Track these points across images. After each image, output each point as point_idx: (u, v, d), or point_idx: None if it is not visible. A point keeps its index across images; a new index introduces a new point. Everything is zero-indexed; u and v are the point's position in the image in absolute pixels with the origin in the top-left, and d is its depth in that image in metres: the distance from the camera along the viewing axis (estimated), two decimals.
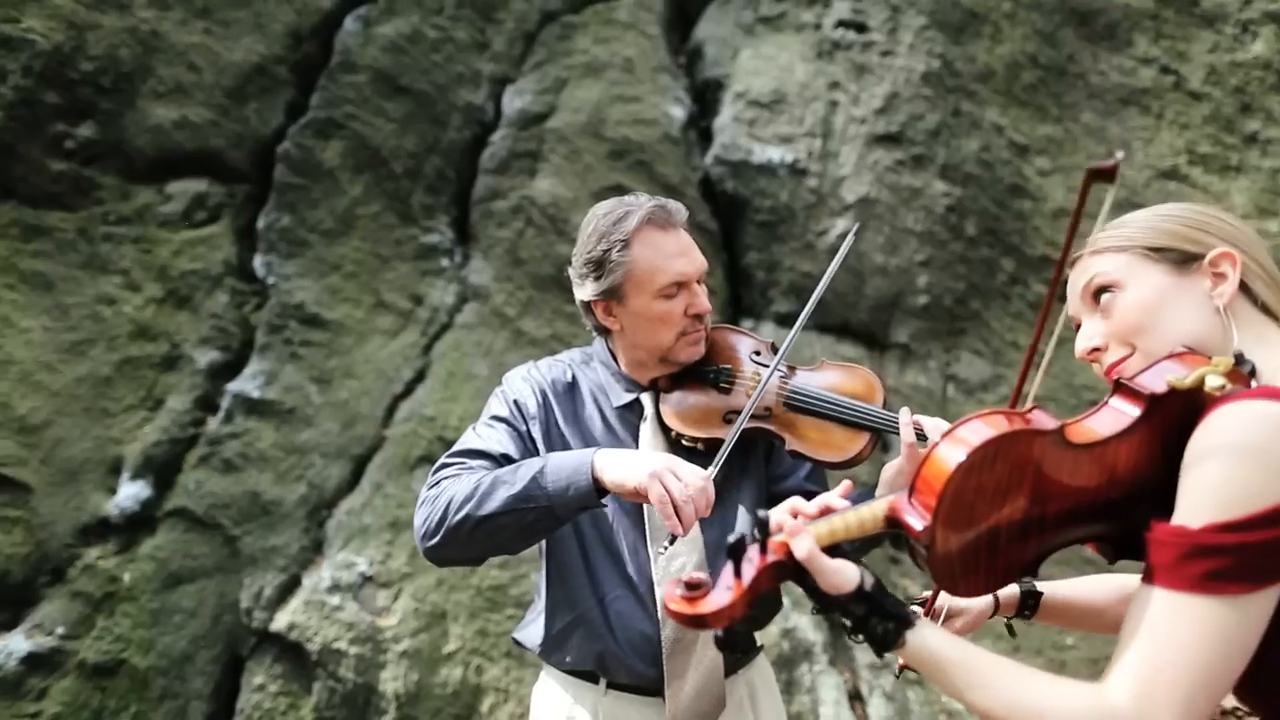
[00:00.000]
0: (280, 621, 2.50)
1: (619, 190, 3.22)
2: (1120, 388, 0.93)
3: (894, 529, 0.96)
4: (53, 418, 2.63)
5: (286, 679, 2.47)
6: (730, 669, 1.50)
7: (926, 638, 0.90)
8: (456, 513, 1.35)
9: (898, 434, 1.35)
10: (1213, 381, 0.86)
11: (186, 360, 2.81)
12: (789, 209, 3.45)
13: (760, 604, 0.96)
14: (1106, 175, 1.00)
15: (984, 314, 3.52)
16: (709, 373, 1.53)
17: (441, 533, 1.36)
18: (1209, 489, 0.79)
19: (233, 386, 2.79)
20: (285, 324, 2.91)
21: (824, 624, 2.89)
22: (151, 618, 2.46)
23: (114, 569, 2.50)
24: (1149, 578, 0.82)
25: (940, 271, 3.48)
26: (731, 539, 0.89)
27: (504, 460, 1.45)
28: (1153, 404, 0.88)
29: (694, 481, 1.24)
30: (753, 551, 0.92)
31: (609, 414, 1.53)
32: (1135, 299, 0.97)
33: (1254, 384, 0.90)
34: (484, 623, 2.62)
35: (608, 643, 1.44)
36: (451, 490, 1.37)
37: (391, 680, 2.50)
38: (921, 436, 1.31)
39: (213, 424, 2.74)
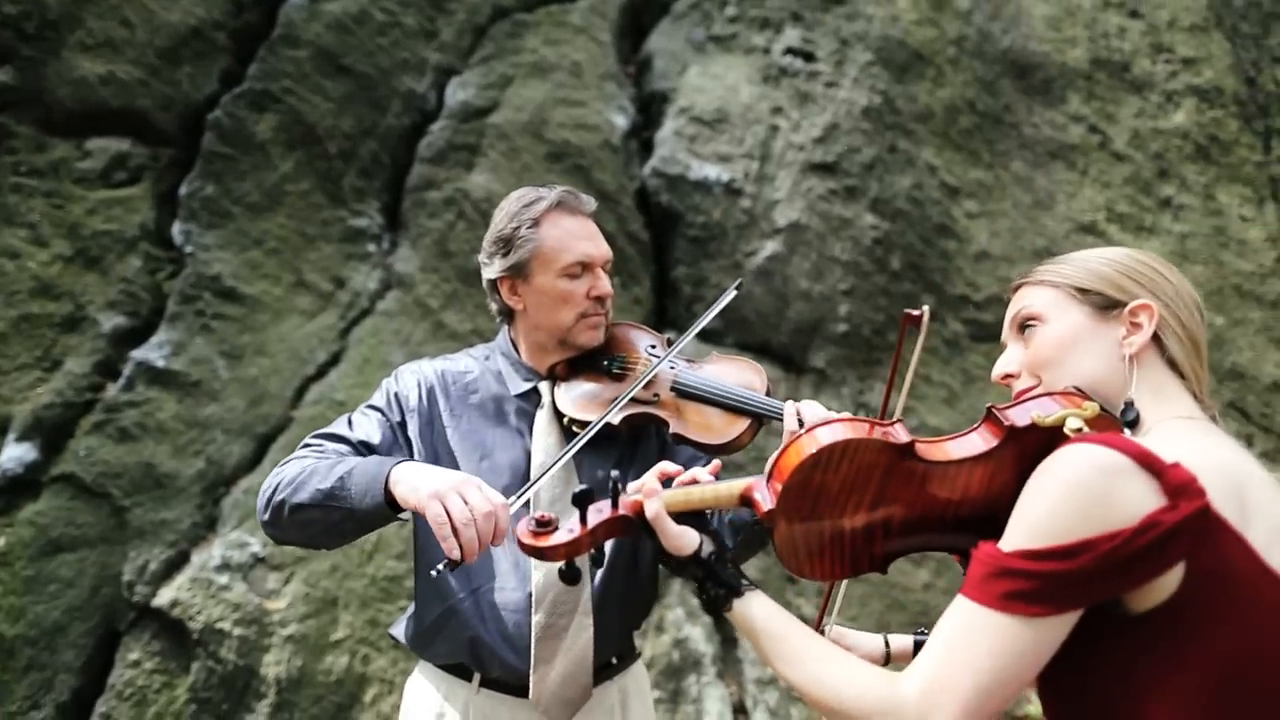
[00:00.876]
0: (163, 597, 2.45)
1: None
2: (989, 416, 0.98)
3: (746, 506, 1.04)
4: None
5: (164, 656, 2.42)
6: (605, 674, 1.52)
7: (752, 607, 0.99)
8: (278, 494, 1.36)
9: (779, 420, 1.39)
10: (1072, 424, 0.92)
11: (90, 323, 2.72)
12: (721, 227, 3.52)
13: (600, 549, 1.10)
14: (915, 321, 1.19)
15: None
16: (604, 361, 1.56)
17: (268, 511, 1.37)
18: (1026, 517, 0.85)
19: (137, 354, 2.72)
20: (199, 295, 2.85)
21: (715, 636, 2.94)
22: (24, 585, 2.38)
23: None
24: (963, 589, 0.89)
25: (862, 301, 3.58)
26: (577, 490, 1.03)
27: (362, 448, 1.46)
28: (1011, 435, 0.94)
29: (480, 506, 1.19)
30: (604, 504, 1.05)
31: (506, 404, 1.55)
32: (1053, 334, 1.01)
33: (1128, 433, 0.95)
34: (375, 612, 2.60)
35: (479, 633, 1.44)
36: (287, 471, 1.38)
37: (274, 665, 2.46)
38: (803, 424, 1.34)
39: (112, 390, 2.66)
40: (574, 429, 1.51)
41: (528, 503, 1.44)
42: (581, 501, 1.04)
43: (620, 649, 1.56)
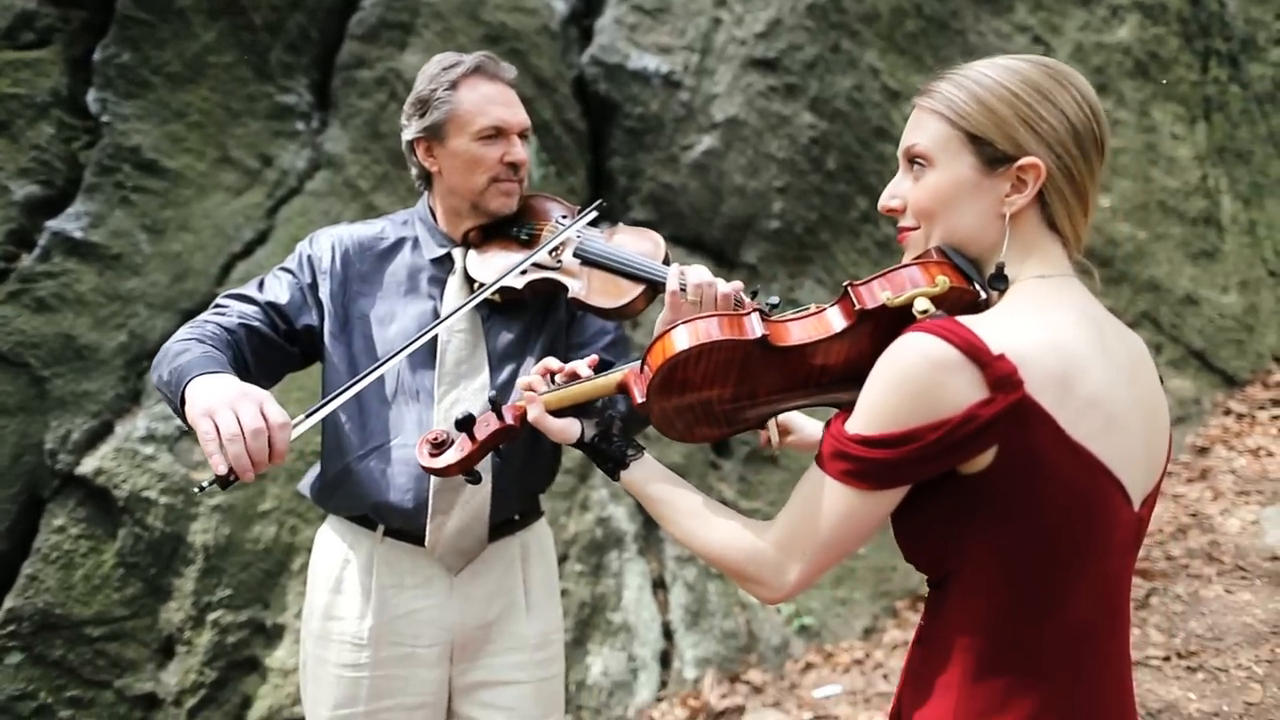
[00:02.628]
0: (87, 466, 2.46)
1: None
2: (844, 295, 1.02)
3: (623, 394, 1.13)
4: None
5: (89, 523, 2.45)
6: (505, 530, 1.60)
7: (636, 475, 1.13)
8: (153, 366, 1.37)
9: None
10: (919, 305, 0.96)
11: (1, 191, 2.64)
12: (658, 119, 3.50)
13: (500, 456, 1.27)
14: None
15: (832, 246, 3.70)
16: (515, 229, 1.60)
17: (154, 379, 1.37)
18: (865, 404, 0.93)
19: (53, 224, 2.65)
20: (118, 167, 2.77)
21: (638, 516, 3.07)
22: None
23: None
24: (815, 458, 0.99)
25: (795, 200, 3.62)
26: (459, 417, 1.17)
27: (269, 309, 1.51)
28: (862, 316, 0.99)
29: (251, 423, 1.14)
30: (490, 417, 1.19)
31: (421, 271, 1.58)
32: (936, 183, 0.99)
33: (995, 298, 0.99)
34: None
35: (380, 486, 1.50)
36: (169, 344, 1.37)
37: (201, 533, 2.51)
38: (684, 289, 1.39)
39: (27, 260, 2.60)
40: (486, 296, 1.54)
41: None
42: (465, 424, 1.17)
43: (522, 508, 1.63)
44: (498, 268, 1.56)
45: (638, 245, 1.56)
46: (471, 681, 1.57)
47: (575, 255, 1.54)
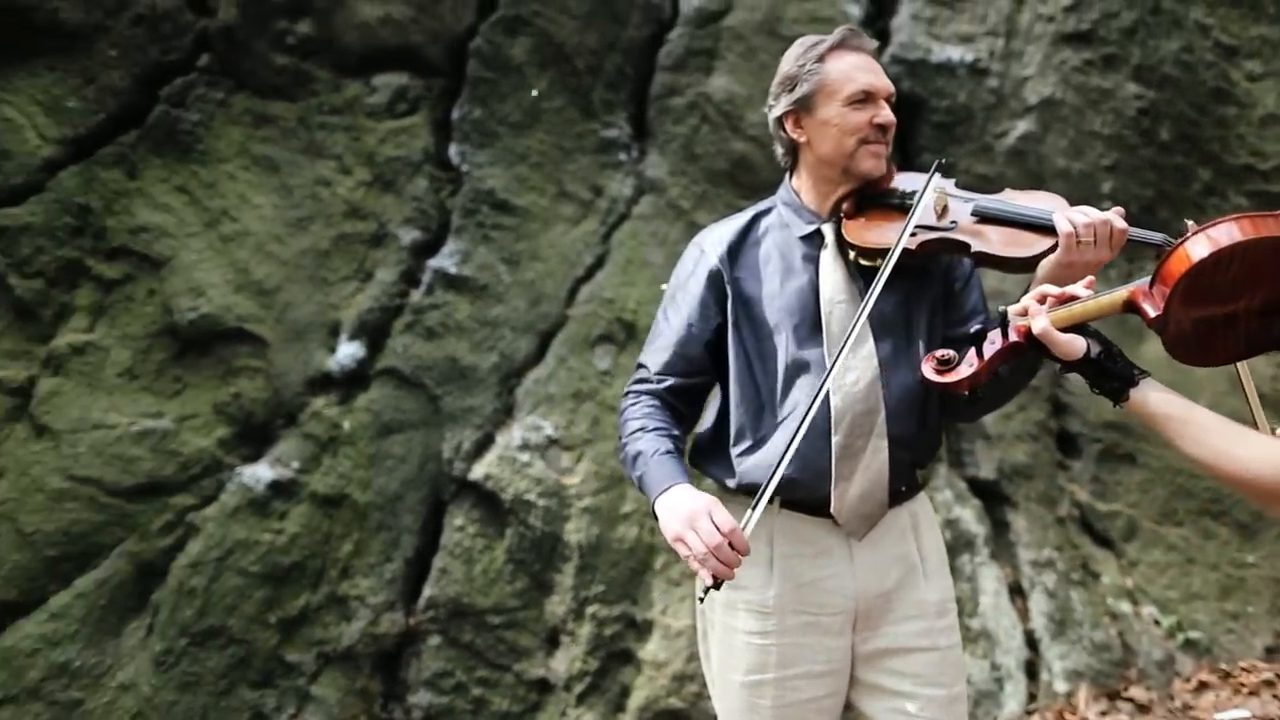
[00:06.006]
0: (477, 472, 2.77)
1: None
2: None
3: (1132, 312, 1.10)
4: (283, 284, 2.95)
5: (483, 523, 2.74)
6: (896, 499, 1.59)
7: (1148, 394, 1.10)
8: (620, 434, 1.64)
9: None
10: None
11: (392, 238, 3.07)
12: (967, 110, 3.38)
13: (997, 379, 1.30)
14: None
15: (1174, 224, 3.36)
16: (892, 197, 1.60)
17: None
18: None
19: (432, 263, 3.04)
20: (478, 208, 3.13)
21: (986, 519, 2.93)
22: (368, 461, 2.77)
23: (336, 417, 2.81)
24: None
25: (1127, 178, 3.34)
26: (974, 329, 1.24)
27: (676, 364, 1.63)
28: None
29: (710, 539, 1.34)
30: (995, 335, 1.22)
31: (793, 248, 1.63)
32: None
33: None
34: None
35: (781, 458, 1.52)
36: (621, 426, 1.63)
37: (575, 532, 2.73)
38: (1075, 228, 1.41)
39: (415, 295, 3.00)
40: (861, 262, 1.58)
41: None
42: (976, 339, 1.24)
43: (908, 481, 1.62)
44: (880, 234, 1.57)
45: (1034, 200, 1.55)
46: (875, 649, 1.58)
47: (973, 214, 1.54)
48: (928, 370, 1.26)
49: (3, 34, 3.04)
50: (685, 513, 1.39)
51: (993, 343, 1.21)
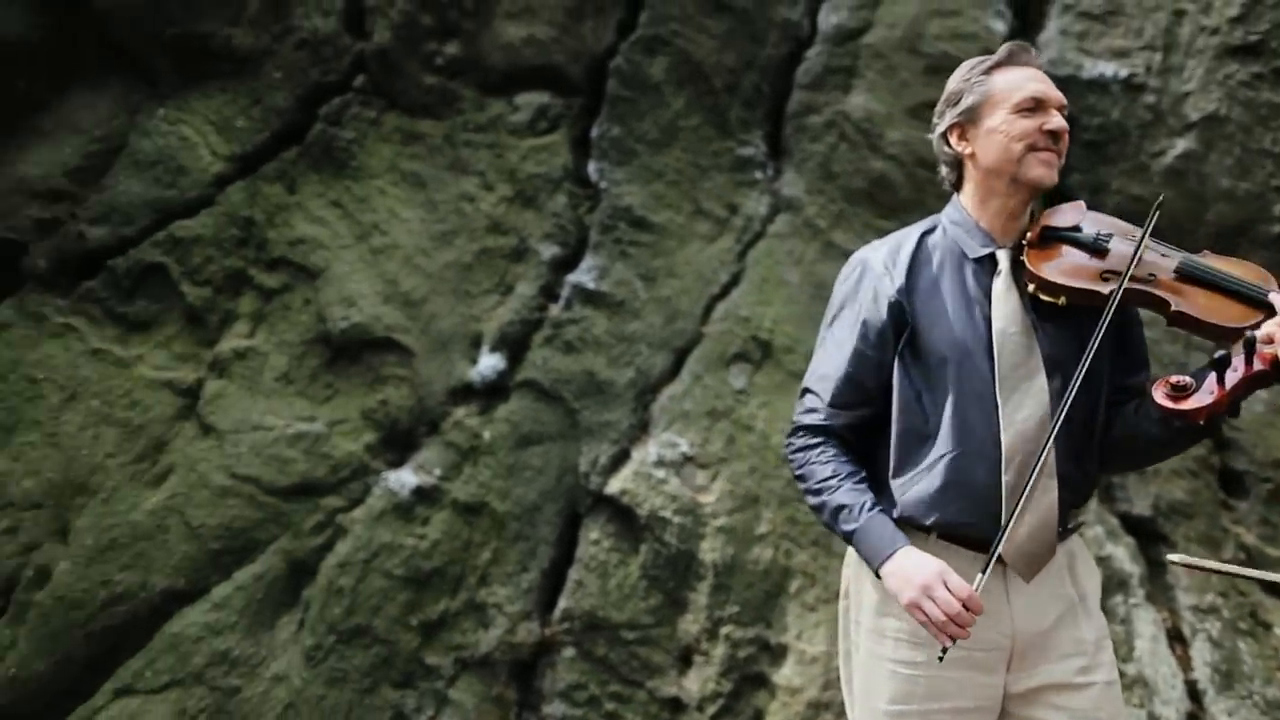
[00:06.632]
0: (613, 487, 2.79)
1: (934, 106, 3.16)
2: None
3: None
4: (428, 295, 3.05)
5: (617, 538, 2.76)
6: (1058, 538, 1.52)
7: None
8: (804, 483, 1.61)
9: None
10: None
11: (533, 253, 3.14)
12: (1120, 127, 3.24)
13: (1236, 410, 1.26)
14: None
15: None
16: (1086, 235, 1.53)
17: None
18: None
19: (571, 278, 3.09)
20: (615, 225, 3.17)
21: (1140, 558, 2.77)
22: (507, 471, 2.82)
23: (477, 426, 2.89)
24: None
25: None
26: (1217, 355, 1.20)
27: (854, 377, 1.58)
28: None
29: (949, 606, 1.39)
30: (1238, 363, 1.19)
31: (964, 274, 1.56)
32: None
33: None
34: (794, 510, 2.77)
35: (952, 495, 1.50)
36: (799, 471, 1.61)
37: (710, 551, 2.72)
38: None
39: (554, 310, 3.06)
40: (1040, 296, 1.50)
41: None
42: (1219, 365, 1.19)
43: (1069, 521, 1.57)
44: (1073, 271, 1.50)
45: (1243, 272, 1.47)
46: (1031, 687, 1.52)
47: (1176, 271, 1.47)
48: (1159, 396, 1.21)
49: (182, 58, 3.26)
50: (920, 581, 1.42)
51: (1235, 370, 1.17)
